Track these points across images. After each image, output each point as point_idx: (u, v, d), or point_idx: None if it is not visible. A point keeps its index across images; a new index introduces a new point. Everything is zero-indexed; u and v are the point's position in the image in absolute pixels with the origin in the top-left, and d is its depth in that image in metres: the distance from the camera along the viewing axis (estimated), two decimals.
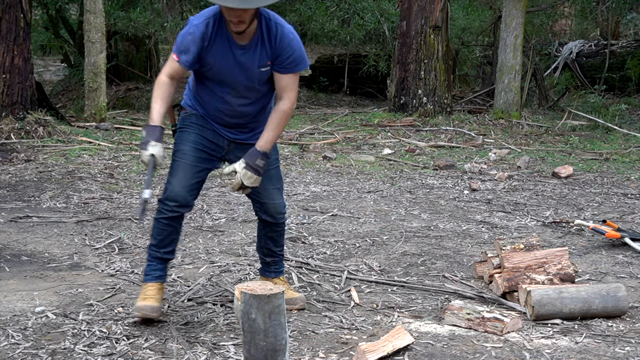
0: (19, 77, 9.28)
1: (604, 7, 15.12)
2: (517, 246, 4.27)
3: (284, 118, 3.71)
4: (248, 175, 3.65)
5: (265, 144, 3.69)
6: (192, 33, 3.57)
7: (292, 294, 4.04)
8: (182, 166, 3.76)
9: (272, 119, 3.71)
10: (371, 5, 13.55)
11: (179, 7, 16.77)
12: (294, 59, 3.66)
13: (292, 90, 3.72)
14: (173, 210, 3.74)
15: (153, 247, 3.82)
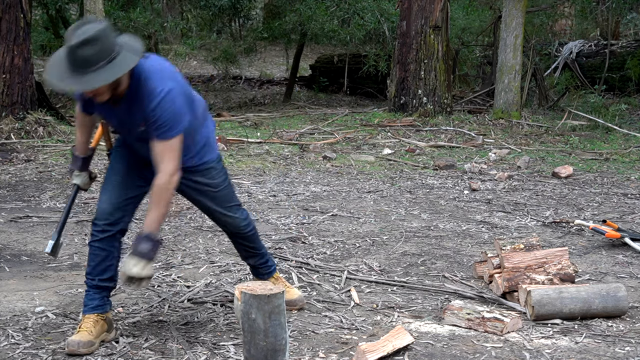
0: (19, 77, 9.29)
1: (604, 7, 15.12)
2: (517, 246, 4.27)
3: (162, 194, 3.31)
4: (132, 262, 3.29)
5: (149, 224, 3.33)
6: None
7: (291, 294, 4.01)
8: (112, 182, 3.55)
9: (152, 196, 3.35)
10: (371, 5, 13.55)
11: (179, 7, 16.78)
12: (160, 124, 3.27)
13: (167, 161, 3.30)
14: (104, 229, 3.50)
15: (88, 275, 3.55)
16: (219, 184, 3.71)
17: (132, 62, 3.20)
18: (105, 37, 3.16)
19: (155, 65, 3.34)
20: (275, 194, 6.98)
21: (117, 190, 3.54)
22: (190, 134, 3.50)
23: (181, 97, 3.36)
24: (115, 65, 3.16)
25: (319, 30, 13.88)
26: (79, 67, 3.14)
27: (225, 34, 15.73)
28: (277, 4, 15.27)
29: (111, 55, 3.16)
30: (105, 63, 3.15)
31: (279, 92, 15.64)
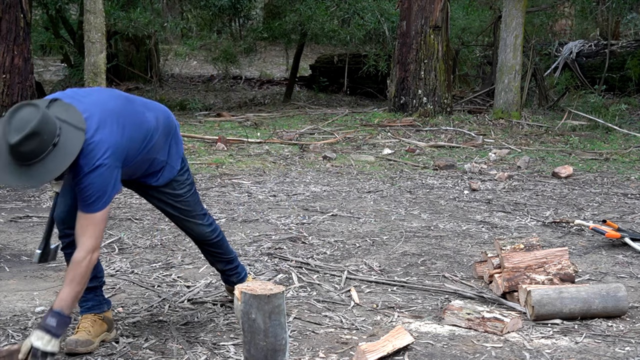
0: (19, 77, 9.29)
1: (604, 7, 15.12)
2: (517, 246, 4.27)
3: (78, 270, 3.15)
4: (37, 335, 3.10)
5: (59, 302, 3.15)
6: None
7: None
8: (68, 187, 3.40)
9: (67, 271, 3.22)
10: (371, 5, 13.55)
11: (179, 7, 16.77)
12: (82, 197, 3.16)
13: (88, 237, 3.19)
14: (65, 235, 3.47)
15: None
16: (183, 194, 3.66)
17: (79, 142, 3.06)
18: (44, 124, 3.00)
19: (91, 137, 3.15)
20: (275, 194, 6.98)
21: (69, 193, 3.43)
22: (150, 160, 3.46)
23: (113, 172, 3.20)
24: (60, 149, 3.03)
25: (319, 30, 13.89)
26: (24, 160, 3.01)
27: (225, 34, 15.72)
28: (277, 4, 15.27)
29: (54, 139, 3.02)
30: (52, 148, 3.02)
31: (279, 92, 15.64)
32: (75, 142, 3.06)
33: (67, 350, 3.40)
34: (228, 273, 3.95)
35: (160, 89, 14.38)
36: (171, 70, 17.22)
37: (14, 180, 3.05)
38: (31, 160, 3.01)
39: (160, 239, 5.41)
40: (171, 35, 15.92)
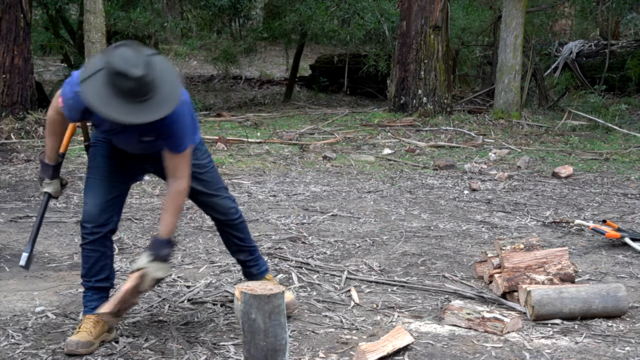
0: (19, 77, 9.29)
1: (604, 7, 15.12)
2: (517, 246, 4.27)
3: (178, 200, 3.41)
4: (158, 267, 3.36)
5: (167, 230, 3.40)
6: (73, 100, 3.25)
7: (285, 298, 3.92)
8: (95, 183, 3.50)
9: (170, 202, 3.41)
10: (371, 5, 13.55)
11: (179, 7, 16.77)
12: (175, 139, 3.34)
13: (182, 170, 3.39)
14: (92, 232, 3.49)
15: (83, 277, 3.56)
16: (206, 164, 3.70)
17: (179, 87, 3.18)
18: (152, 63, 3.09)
19: None
20: (275, 194, 6.98)
21: (101, 191, 3.50)
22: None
23: (189, 108, 3.39)
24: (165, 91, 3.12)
25: (319, 30, 13.89)
26: (143, 95, 3.07)
27: (225, 34, 15.71)
28: (277, 4, 15.27)
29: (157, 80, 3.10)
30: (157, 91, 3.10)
31: (279, 92, 15.64)
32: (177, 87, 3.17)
33: (68, 351, 3.40)
34: (249, 264, 3.92)
35: None
36: None
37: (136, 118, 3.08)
38: (147, 95, 3.07)
39: None
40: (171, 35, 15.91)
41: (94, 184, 3.52)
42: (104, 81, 3.05)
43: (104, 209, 3.50)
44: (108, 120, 3.16)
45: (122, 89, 3.04)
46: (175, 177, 3.39)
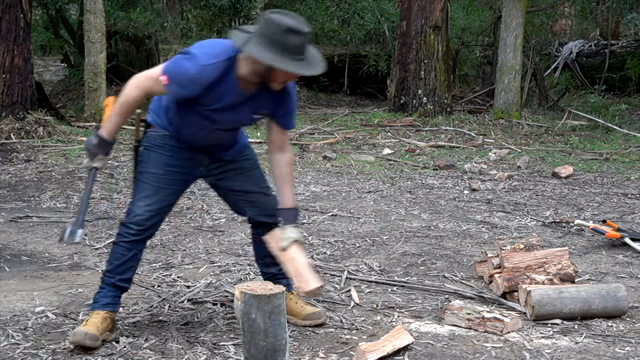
0: (19, 77, 9.29)
1: (604, 7, 15.13)
2: (517, 246, 4.27)
3: (292, 170, 3.71)
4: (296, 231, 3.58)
5: (291, 198, 3.63)
6: (199, 74, 3.27)
7: (312, 308, 3.86)
8: (152, 189, 3.53)
9: (286, 173, 3.64)
10: (371, 5, 13.56)
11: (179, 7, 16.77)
12: (291, 114, 3.60)
13: (289, 144, 3.72)
14: (137, 234, 3.52)
15: (107, 273, 3.56)
16: (256, 160, 3.82)
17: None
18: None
19: None
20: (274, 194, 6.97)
21: (156, 198, 3.53)
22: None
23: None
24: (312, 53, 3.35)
25: (319, 30, 13.89)
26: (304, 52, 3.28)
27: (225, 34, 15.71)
28: (277, 4, 15.27)
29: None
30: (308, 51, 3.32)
31: None
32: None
33: (74, 340, 3.40)
34: (281, 275, 3.82)
35: None
36: None
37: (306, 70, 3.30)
38: (305, 53, 3.28)
39: (160, 239, 5.40)
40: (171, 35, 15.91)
41: (149, 189, 3.53)
42: (266, 42, 3.21)
43: (154, 216, 3.54)
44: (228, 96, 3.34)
45: (291, 44, 3.22)
46: (284, 150, 3.65)
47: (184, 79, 3.29)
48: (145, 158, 3.59)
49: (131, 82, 3.43)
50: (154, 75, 3.38)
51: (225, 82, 3.34)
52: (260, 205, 3.75)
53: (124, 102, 3.43)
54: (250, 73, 3.34)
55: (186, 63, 3.29)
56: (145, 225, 3.53)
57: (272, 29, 3.21)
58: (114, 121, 3.48)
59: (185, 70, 3.28)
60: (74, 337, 3.40)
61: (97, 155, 3.52)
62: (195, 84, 3.30)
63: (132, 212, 3.53)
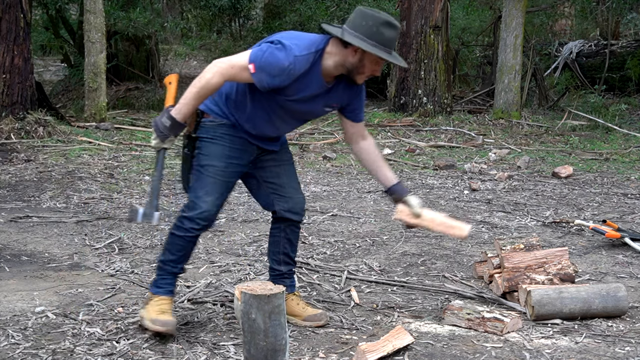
0: (19, 77, 9.29)
1: (604, 7, 15.13)
2: (517, 246, 4.27)
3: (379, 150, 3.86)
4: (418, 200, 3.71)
5: (394, 175, 3.75)
6: (292, 65, 3.30)
7: (314, 310, 3.87)
8: (216, 184, 3.55)
9: (377, 155, 3.74)
10: (371, 5, 13.55)
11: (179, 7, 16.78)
12: (362, 108, 3.69)
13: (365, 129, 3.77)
14: (202, 228, 3.56)
15: (171, 263, 3.62)
16: (292, 155, 3.87)
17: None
18: None
19: None
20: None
21: (221, 191, 3.57)
22: None
23: None
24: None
25: (319, 30, 13.88)
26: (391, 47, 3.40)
27: (225, 34, 15.72)
28: (277, 4, 15.28)
29: None
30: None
31: None
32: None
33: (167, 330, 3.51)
34: (287, 276, 3.86)
35: (160, 89, 14.38)
36: (171, 70, 17.21)
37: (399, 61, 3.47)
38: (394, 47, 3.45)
39: (160, 239, 5.40)
40: (171, 35, 15.92)
41: (214, 183, 3.54)
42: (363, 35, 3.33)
43: (219, 209, 3.59)
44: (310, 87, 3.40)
45: (387, 38, 3.35)
46: (365, 137, 3.72)
47: (275, 69, 3.31)
48: (206, 150, 3.57)
49: (212, 69, 3.42)
50: (239, 63, 3.37)
51: (312, 74, 3.39)
52: (290, 201, 3.76)
53: (204, 87, 3.43)
54: (336, 66, 3.42)
55: (279, 53, 3.31)
56: (212, 220, 3.58)
57: (370, 22, 3.33)
58: (190, 104, 3.46)
59: (278, 60, 3.30)
60: (167, 327, 3.50)
61: (169, 137, 3.49)
62: (286, 75, 3.33)
63: (199, 207, 3.52)
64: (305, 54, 3.35)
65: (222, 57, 3.48)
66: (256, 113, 3.53)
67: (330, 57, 3.40)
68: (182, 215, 3.57)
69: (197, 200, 3.54)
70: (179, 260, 3.63)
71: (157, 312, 3.57)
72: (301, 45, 3.35)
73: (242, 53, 3.41)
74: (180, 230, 3.57)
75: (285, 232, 3.82)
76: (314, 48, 3.38)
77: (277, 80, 3.34)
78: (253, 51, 3.36)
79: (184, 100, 3.47)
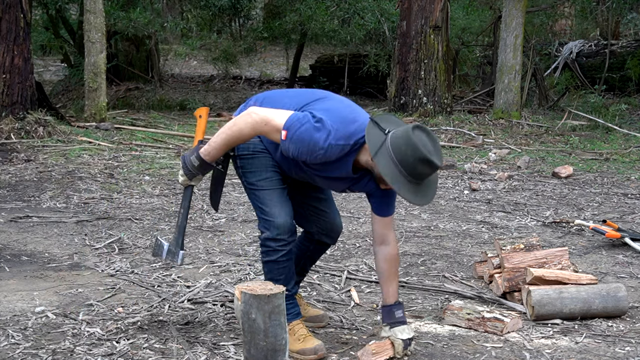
0: (19, 77, 9.29)
1: (604, 7, 15.12)
2: (517, 246, 4.27)
3: (397, 263, 3.57)
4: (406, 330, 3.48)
5: (394, 294, 3.52)
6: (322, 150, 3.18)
7: (315, 311, 3.88)
8: (274, 193, 3.44)
9: (389, 271, 3.50)
10: (371, 5, 13.55)
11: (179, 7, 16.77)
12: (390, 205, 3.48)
13: (392, 232, 3.52)
14: (288, 242, 3.42)
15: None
16: None
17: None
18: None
19: None
20: None
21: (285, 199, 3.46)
22: None
23: None
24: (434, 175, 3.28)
25: (319, 30, 13.88)
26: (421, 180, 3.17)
27: (225, 34, 15.71)
28: (277, 3, 15.27)
29: None
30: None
31: None
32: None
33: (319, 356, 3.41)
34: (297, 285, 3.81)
35: (160, 89, 14.39)
36: (171, 70, 17.22)
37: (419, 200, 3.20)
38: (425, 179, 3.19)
39: None
40: (171, 35, 15.91)
41: (271, 194, 3.44)
42: (396, 159, 3.12)
43: (291, 215, 3.45)
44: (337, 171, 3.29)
45: (418, 172, 3.13)
46: (388, 240, 3.47)
47: (306, 147, 3.20)
48: (249, 167, 3.47)
49: (247, 119, 3.29)
50: (273, 123, 3.24)
51: (342, 162, 3.26)
52: (329, 225, 3.70)
53: (236, 137, 3.32)
54: (366, 163, 3.27)
55: (315, 134, 3.18)
56: (292, 229, 3.45)
57: (408, 152, 3.10)
58: (220, 150, 3.38)
59: (313, 140, 3.18)
60: (317, 352, 3.40)
61: (197, 176, 3.47)
62: (314, 157, 3.22)
63: (272, 223, 3.40)
64: (341, 144, 3.19)
65: (257, 108, 3.33)
66: (284, 162, 3.44)
67: (365, 154, 3.24)
68: (264, 239, 3.45)
69: (267, 217, 3.42)
70: (286, 281, 3.45)
71: (299, 342, 3.46)
72: (341, 133, 3.19)
73: (281, 112, 3.28)
74: (271, 255, 3.44)
75: (312, 252, 3.78)
76: (353, 140, 3.21)
77: (303, 157, 3.24)
78: (291, 117, 3.23)
79: (214, 144, 3.38)
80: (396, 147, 3.11)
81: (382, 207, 3.45)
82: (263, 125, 3.25)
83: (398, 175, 3.12)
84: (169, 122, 11.30)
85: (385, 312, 3.50)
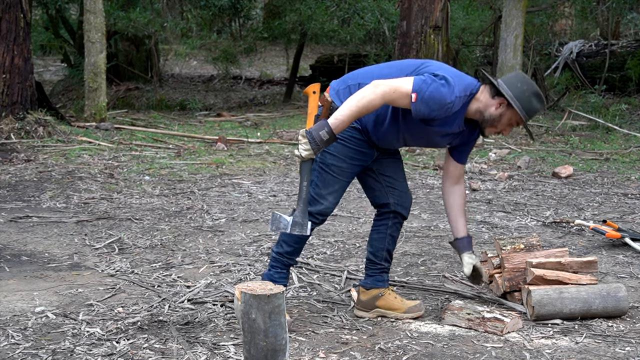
0: (19, 77, 9.29)
1: (604, 7, 15.12)
2: (517, 246, 4.27)
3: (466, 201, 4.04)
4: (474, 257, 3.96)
5: (465, 228, 3.98)
6: (452, 103, 3.51)
7: (412, 302, 3.99)
8: (338, 183, 3.75)
9: (460, 206, 3.99)
10: (371, 5, 13.55)
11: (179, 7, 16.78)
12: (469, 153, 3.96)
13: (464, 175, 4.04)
14: (319, 222, 3.78)
15: (287, 255, 3.80)
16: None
17: None
18: None
19: None
20: (275, 194, 6.98)
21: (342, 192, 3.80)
22: None
23: None
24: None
25: (319, 30, 13.88)
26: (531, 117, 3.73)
27: (225, 34, 15.71)
28: (277, 3, 15.27)
29: None
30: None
31: (279, 92, 15.64)
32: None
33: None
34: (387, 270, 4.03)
35: (160, 89, 14.39)
36: (171, 70, 17.22)
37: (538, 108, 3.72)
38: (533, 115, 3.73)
39: (160, 239, 5.41)
40: (171, 35, 15.91)
41: (336, 183, 3.75)
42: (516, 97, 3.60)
43: (336, 206, 3.83)
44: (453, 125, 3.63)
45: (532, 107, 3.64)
46: (459, 183, 3.99)
47: (437, 104, 3.49)
48: (334, 150, 3.71)
49: (375, 90, 3.48)
50: (402, 89, 3.49)
51: (458, 114, 3.60)
52: (403, 196, 3.96)
53: (365, 107, 3.49)
54: (476, 112, 3.63)
55: (443, 89, 3.48)
56: (329, 215, 3.80)
57: (524, 87, 3.60)
58: (347, 123, 3.52)
59: (442, 96, 3.48)
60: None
61: (322, 149, 3.52)
62: (444, 111, 3.52)
63: (320, 204, 3.73)
64: (462, 95, 3.55)
65: (381, 80, 3.53)
66: (390, 131, 3.70)
67: (476, 103, 3.62)
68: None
69: (318, 198, 3.73)
70: (293, 252, 3.81)
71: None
72: (461, 86, 3.54)
73: (404, 79, 3.52)
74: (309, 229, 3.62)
75: (391, 229, 3.97)
76: (469, 91, 3.59)
77: (434, 114, 3.51)
78: (416, 80, 3.49)
79: (343, 118, 3.49)
80: (512, 85, 3.59)
81: (463, 155, 3.90)
82: (392, 93, 3.48)
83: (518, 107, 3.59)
84: (169, 122, 11.31)
85: (467, 242, 3.93)
